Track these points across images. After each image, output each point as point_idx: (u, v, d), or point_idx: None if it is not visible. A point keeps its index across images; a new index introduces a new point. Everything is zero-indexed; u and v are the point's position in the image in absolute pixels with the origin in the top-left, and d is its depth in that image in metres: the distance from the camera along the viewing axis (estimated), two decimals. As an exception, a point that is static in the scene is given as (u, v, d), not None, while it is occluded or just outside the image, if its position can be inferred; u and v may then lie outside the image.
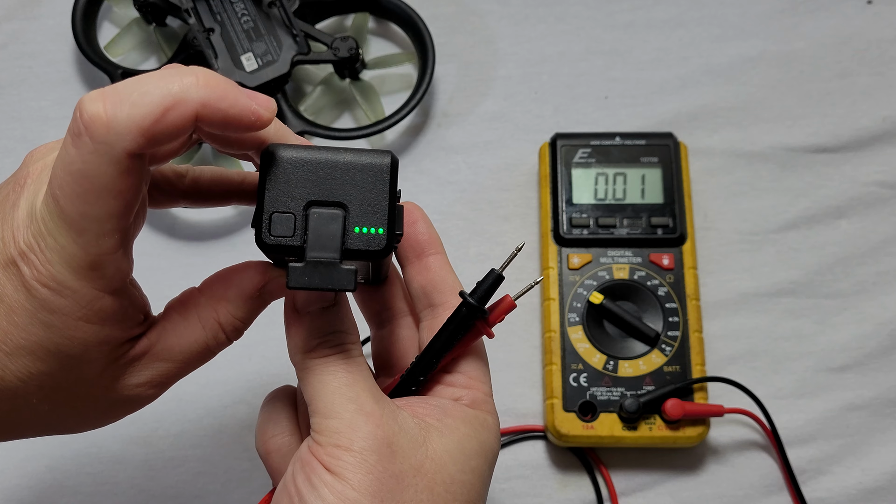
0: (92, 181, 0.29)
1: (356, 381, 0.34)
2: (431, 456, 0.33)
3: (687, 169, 0.59)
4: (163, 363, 0.35)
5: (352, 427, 0.32)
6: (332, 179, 0.33)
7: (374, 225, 0.33)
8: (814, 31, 0.65)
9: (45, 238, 0.31)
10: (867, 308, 0.58)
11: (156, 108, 0.29)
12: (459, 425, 0.35)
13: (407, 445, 0.33)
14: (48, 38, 0.67)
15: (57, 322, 0.32)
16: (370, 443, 0.32)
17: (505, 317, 0.38)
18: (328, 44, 0.61)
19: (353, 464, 0.32)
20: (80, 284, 0.31)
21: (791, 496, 0.54)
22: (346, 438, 0.32)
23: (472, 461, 0.35)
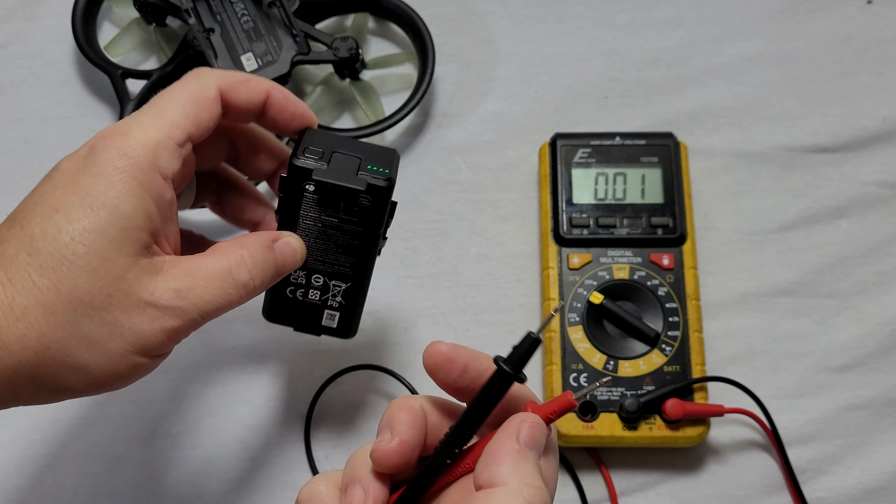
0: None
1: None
2: None
3: (687, 169, 0.59)
4: (189, 278, 0.39)
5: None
6: (353, 146, 0.45)
7: (382, 167, 0.44)
8: (814, 31, 0.65)
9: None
10: (867, 308, 0.58)
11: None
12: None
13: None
14: (48, 38, 0.67)
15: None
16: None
17: (561, 415, 0.36)
18: (328, 44, 0.61)
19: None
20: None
21: (791, 496, 0.54)
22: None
23: None
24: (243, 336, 0.58)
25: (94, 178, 0.38)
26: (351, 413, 0.57)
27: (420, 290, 0.59)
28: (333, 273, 0.48)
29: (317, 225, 0.46)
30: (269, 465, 0.56)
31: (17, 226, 0.38)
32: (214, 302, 0.40)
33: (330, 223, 0.45)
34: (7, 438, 0.56)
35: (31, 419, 0.56)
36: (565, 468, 0.55)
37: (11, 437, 0.56)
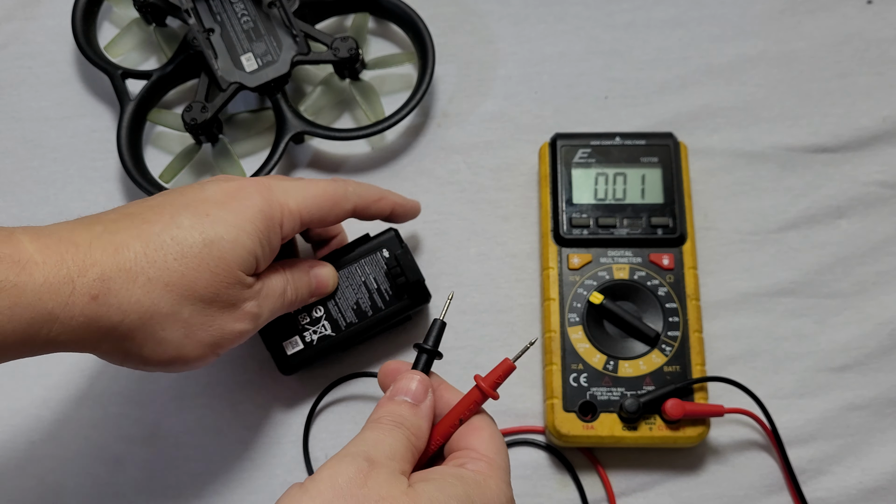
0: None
1: (386, 442, 0.40)
2: (405, 492, 0.37)
3: (687, 169, 0.59)
4: (263, 291, 0.48)
5: (343, 458, 0.39)
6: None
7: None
8: (814, 31, 0.65)
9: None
10: (867, 308, 0.58)
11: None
12: (447, 477, 0.39)
13: (384, 480, 0.37)
14: (48, 38, 0.67)
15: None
16: (350, 468, 0.37)
17: (505, 379, 0.43)
18: (328, 44, 0.61)
19: (322, 479, 0.37)
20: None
21: (791, 496, 0.54)
22: (330, 463, 0.38)
23: (451, 501, 0.38)
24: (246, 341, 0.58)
25: (239, 206, 0.46)
26: (351, 414, 0.57)
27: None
28: (332, 319, 0.54)
29: (360, 279, 0.54)
30: (269, 465, 0.56)
31: (165, 214, 0.45)
32: (274, 310, 0.49)
33: (371, 285, 0.54)
34: (7, 438, 0.56)
35: (31, 419, 0.56)
36: (565, 468, 0.55)
37: (12, 437, 0.56)
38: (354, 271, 0.54)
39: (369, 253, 0.54)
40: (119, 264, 0.42)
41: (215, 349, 0.46)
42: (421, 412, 0.42)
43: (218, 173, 0.62)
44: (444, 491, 0.38)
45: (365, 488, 0.37)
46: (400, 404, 0.42)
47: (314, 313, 0.54)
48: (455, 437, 0.43)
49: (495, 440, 0.42)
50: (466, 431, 0.43)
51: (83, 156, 0.64)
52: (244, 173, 0.61)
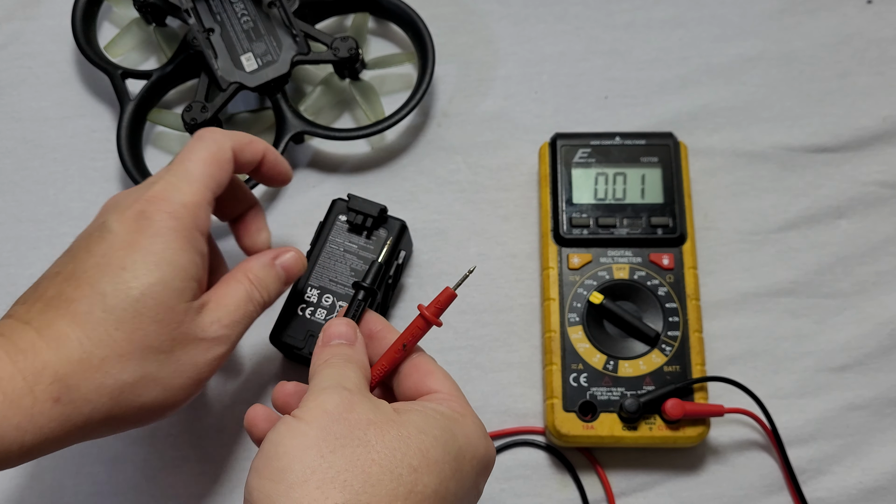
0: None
1: (348, 374, 0.42)
2: (393, 419, 0.38)
3: (687, 169, 0.59)
4: (223, 308, 0.45)
5: (323, 391, 0.39)
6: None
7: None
8: (814, 31, 0.65)
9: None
10: (867, 308, 0.58)
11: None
12: (429, 410, 0.40)
13: (369, 406, 0.39)
14: (48, 38, 0.67)
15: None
16: (334, 397, 0.38)
17: (448, 306, 0.44)
18: (328, 44, 0.61)
19: (312, 408, 0.38)
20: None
21: (791, 496, 0.54)
22: (313, 396, 0.39)
23: (435, 430, 0.38)
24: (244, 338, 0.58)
25: (151, 239, 0.43)
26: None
27: (420, 291, 0.59)
28: (343, 295, 0.54)
29: (339, 249, 0.55)
30: (269, 465, 0.56)
31: (84, 285, 0.42)
32: (244, 322, 0.47)
33: (350, 248, 0.55)
34: (7, 438, 0.56)
35: (31, 419, 0.56)
36: (566, 468, 0.55)
37: (11, 437, 0.56)
38: (330, 249, 0.55)
39: (330, 226, 0.56)
40: (67, 357, 0.41)
41: (198, 384, 0.45)
42: (358, 349, 0.44)
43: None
44: (429, 422, 0.39)
45: (354, 413, 0.38)
46: (338, 346, 0.43)
47: (324, 302, 0.54)
48: (415, 382, 0.43)
49: (451, 381, 0.43)
50: (421, 374, 0.43)
51: (83, 156, 0.64)
52: (244, 173, 0.61)
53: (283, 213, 0.62)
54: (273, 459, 0.37)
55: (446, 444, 0.38)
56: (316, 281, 0.54)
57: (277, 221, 0.62)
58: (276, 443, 0.37)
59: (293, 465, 0.36)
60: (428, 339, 0.58)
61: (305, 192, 0.62)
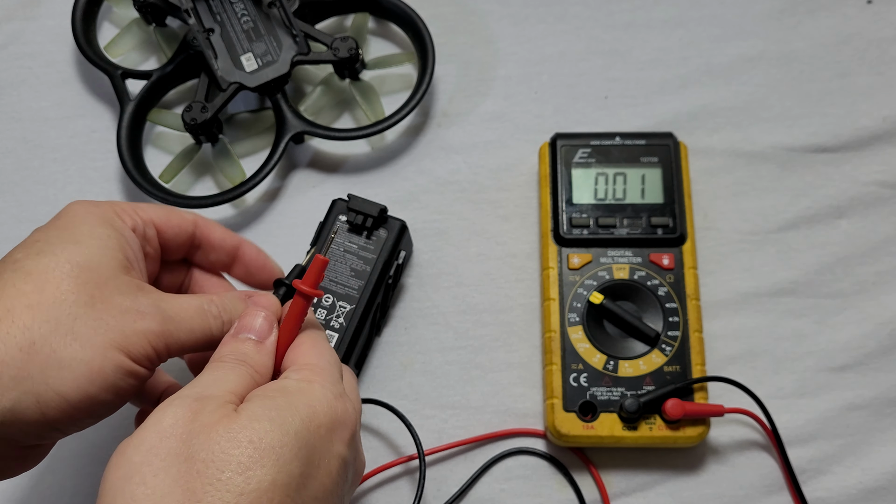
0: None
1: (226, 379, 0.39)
2: (227, 415, 0.36)
3: (687, 169, 0.59)
4: (168, 300, 0.42)
5: (174, 400, 0.37)
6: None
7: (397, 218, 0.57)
8: (814, 31, 0.65)
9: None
10: (867, 308, 0.58)
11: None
12: (268, 391, 0.38)
13: (210, 410, 0.36)
14: (48, 39, 0.67)
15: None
16: (177, 410, 0.36)
17: (322, 273, 0.42)
18: (328, 44, 0.61)
19: (147, 426, 0.35)
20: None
21: (791, 496, 0.54)
22: (160, 407, 0.36)
23: (271, 412, 0.36)
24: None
25: (67, 219, 0.42)
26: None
27: (420, 290, 0.59)
28: (343, 294, 0.54)
29: (339, 249, 0.55)
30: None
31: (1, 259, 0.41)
32: (195, 325, 0.42)
33: (350, 248, 0.55)
34: (7, 438, 0.56)
35: (31, 419, 0.56)
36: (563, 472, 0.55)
37: (11, 437, 0.56)
38: (331, 249, 0.55)
39: (330, 226, 0.56)
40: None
41: (131, 355, 0.40)
42: (265, 349, 0.41)
43: (218, 173, 0.62)
44: (265, 404, 0.36)
45: (193, 423, 0.35)
46: (244, 342, 0.41)
47: (323, 302, 0.54)
48: (280, 357, 0.42)
49: (317, 348, 0.41)
50: (291, 348, 0.42)
51: (83, 156, 0.64)
52: (244, 174, 0.61)
53: (282, 214, 0.62)
54: (101, 496, 0.35)
55: (283, 424, 0.36)
56: None
57: (277, 221, 0.62)
58: (105, 476, 0.35)
59: (116, 499, 0.34)
60: (428, 339, 0.58)
61: (305, 192, 0.62)
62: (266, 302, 0.43)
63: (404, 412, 0.54)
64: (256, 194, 0.62)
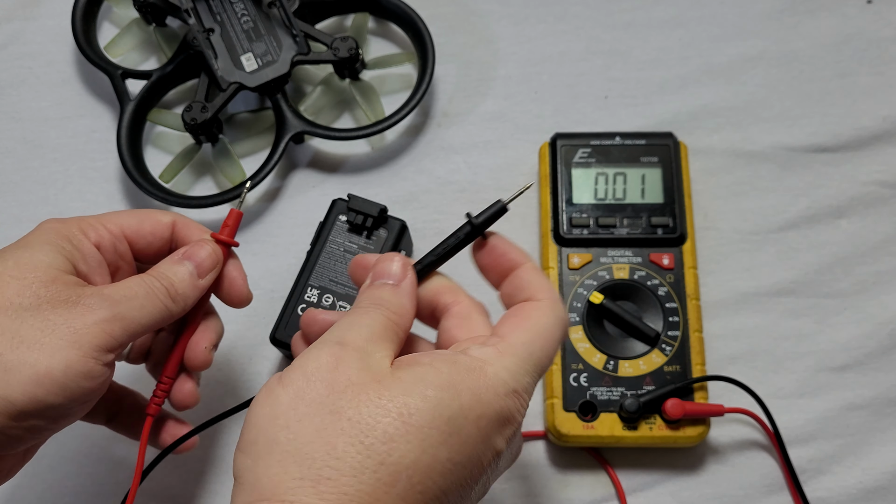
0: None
1: (361, 323, 0.38)
2: (378, 378, 0.35)
3: (687, 169, 0.59)
4: (112, 287, 0.42)
5: (316, 346, 0.36)
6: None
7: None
8: (814, 31, 0.65)
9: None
10: (867, 308, 0.58)
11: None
12: (436, 362, 0.36)
13: (357, 365, 0.35)
14: (48, 38, 0.67)
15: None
16: (322, 356, 0.35)
17: (237, 225, 0.46)
18: (328, 44, 0.61)
19: (295, 367, 0.35)
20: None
21: (792, 496, 0.54)
22: (305, 352, 0.36)
23: (428, 390, 0.34)
24: (244, 338, 0.58)
25: (30, 234, 0.43)
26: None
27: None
28: (343, 294, 0.54)
29: (339, 249, 0.55)
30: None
31: None
32: (144, 305, 0.41)
33: (350, 248, 0.55)
34: (7, 438, 0.56)
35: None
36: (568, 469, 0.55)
37: (11, 437, 0.56)
38: (330, 249, 0.55)
39: (330, 226, 0.56)
40: None
41: (80, 354, 0.39)
42: (402, 290, 0.39)
43: (218, 173, 0.62)
44: (424, 379, 0.34)
45: (335, 372, 0.34)
46: (380, 287, 0.39)
47: (324, 302, 0.54)
48: (497, 325, 0.39)
49: (532, 331, 0.38)
50: (507, 316, 0.39)
51: (83, 156, 0.64)
52: (244, 173, 0.61)
53: (282, 214, 0.62)
54: (245, 430, 0.35)
55: (438, 406, 0.34)
56: (316, 281, 0.54)
57: (277, 222, 0.62)
58: (251, 411, 0.36)
59: (259, 437, 0.34)
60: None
61: (305, 192, 0.62)
62: (390, 253, 0.42)
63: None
64: (256, 194, 0.62)
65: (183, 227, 0.46)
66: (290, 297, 0.55)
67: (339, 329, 0.37)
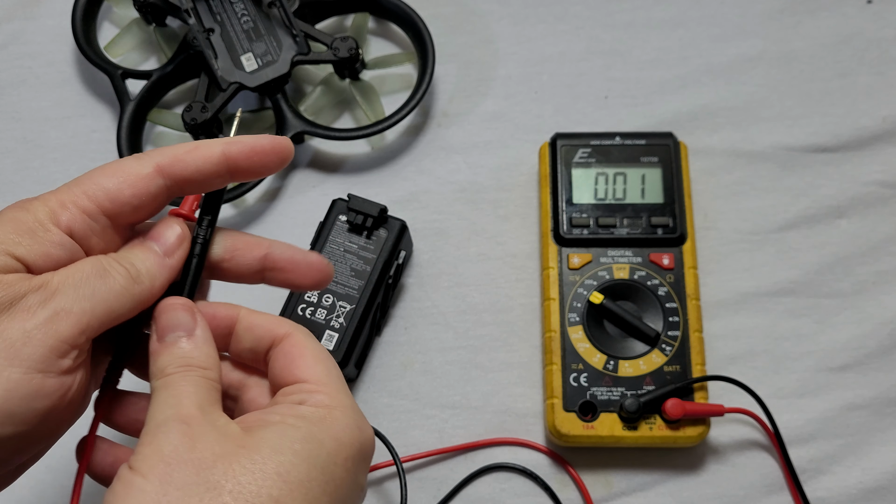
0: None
1: (186, 393, 0.35)
2: (243, 444, 0.33)
3: (687, 169, 0.59)
4: (59, 274, 0.35)
5: (158, 428, 0.34)
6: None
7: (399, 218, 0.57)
8: (814, 31, 0.65)
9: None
10: (867, 308, 0.58)
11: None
12: (287, 419, 0.35)
13: (213, 437, 0.33)
14: (48, 38, 0.67)
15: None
16: (171, 437, 0.33)
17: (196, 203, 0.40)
18: (328, 44, 0.61)
19: (148, 455, 0.33)
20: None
21: (792, 496, 0.54)
22: (148, 438, 0.34)
23: (295, 444, 0.34)
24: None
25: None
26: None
27: (420, 290, 0.59)
28: (343, 294, 0.54)
29: (339, 249, 0.55)
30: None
31: None
32: (97, 294, 0.35)
33: (350, 248, 0.55)
34: (7, 438, 0.56)
35: (30, 419, 0.56)
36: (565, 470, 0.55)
37: (11, 437, 0.56)
38: (330, 249, 0.55)
39: (330, 226, 0.56)
40: None
41: (20, 368, 0.33)
42: (198, 339, 0.37)
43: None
44: (286, 435, 0.34)
45: (196, 451, 0.33)
46: (174, 344, 0.37)
47: (324, 302, 0.54)
48: (280, 370, 0.38)
49: (321, 361, 0.38)
50: (288, 360, 0.38)
51: (83, 156, 0.64)
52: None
53: (282, 214, 0.62)
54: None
55: (310, 457, 0.34)
56: None
57: (277, 222, 0.62)
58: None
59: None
60: (428, 339, 0.58)
61: (305, 192, 0.62)
62: (174, 296, 0.38)
63: (404, 412, 0.54)
64: (256, 194, 0.62)
65: (171, 165, 0.38)
66: (290, 297, 0.55)
67: (168, 406, 0.35)
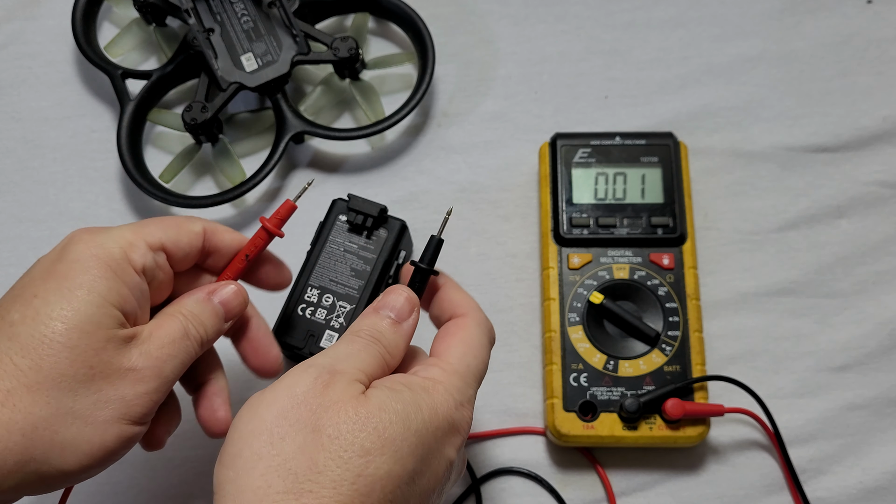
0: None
1: (359, 356, 0.40)
2: (356, 397, 0.37)
3: (687, 169, 0.59)
4: (154, 340, 0.41)
5: (309, 367, 0.39)
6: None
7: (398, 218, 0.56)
8: (814, 30, 0.65)
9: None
10: (867, 308, 0.58)
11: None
12: (396, 384, 0.39)
13: (341, 388, 0.37)
14: (48, 38, 0.67)
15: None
16: (309, 379, 0.37)
17: (288, 217, 0.46)
18: (328, 44, 0.61)
19: (280, 388, 0.37)
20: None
21: (792, 496, 0.54)
22: (295, 371, 0.38)
23: (397, 405, 0.37)
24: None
25: (69, 265, 0.40)
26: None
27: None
28: (343, 294, 0.54)
29: (339, 249, 0.54)
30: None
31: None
32: (179, 357, 0.42)
33: (350, 248, 0.54)
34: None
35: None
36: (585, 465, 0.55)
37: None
38: (330, 249, 0.55)
39: (330, 225, 0.56)
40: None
41: (132, 420, 0.40)
42: (401, 330, 0.42)
43: (218, 173, 0.62)
44: (393, 396, 0.38)
45: (322, 396, 0.37)
46: (383, 319, 0.42)
47: (324, 302, 0.54)
48: (436, 340, 0.43)
49: (465, 345, 0.42)
50: (441, 335, 0.43)
51: (83, 156, 0.64)
52: (244, 174, 0.61)
53: (283, 213, 0.62)
54: (228, 444, 0.37)
55: (407, 420, 0.37)
56: (316, 281, 0.54)
57: (277, 221, 0.62)
58: (234, 426, 0.37)
59: (243, 452, 0.36)
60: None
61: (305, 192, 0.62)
62: (402, 287, 0.44)
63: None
64: (256, 194, 0.62)
65: (212, 233, 0.45)
66: (290, 297, 0.55)
67: (336, 356, 0.39)
